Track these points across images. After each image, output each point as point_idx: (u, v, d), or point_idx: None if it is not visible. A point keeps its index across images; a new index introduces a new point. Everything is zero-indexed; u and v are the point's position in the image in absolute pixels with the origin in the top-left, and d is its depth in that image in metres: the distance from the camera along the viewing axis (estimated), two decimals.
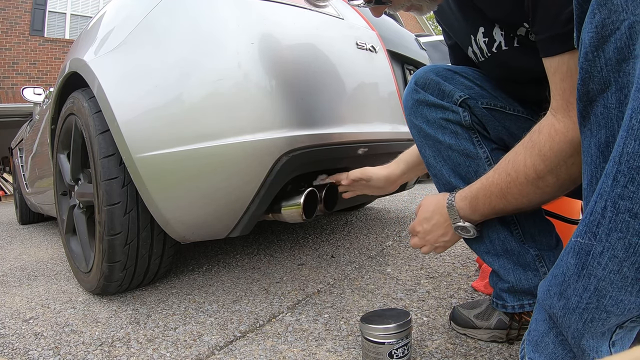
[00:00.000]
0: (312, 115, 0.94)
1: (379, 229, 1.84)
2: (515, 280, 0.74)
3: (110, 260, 1.06)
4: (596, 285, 0.42)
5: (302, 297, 1.09)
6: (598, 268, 0.42)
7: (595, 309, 0.43)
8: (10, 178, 8.00)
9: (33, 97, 2.63)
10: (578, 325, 0.45)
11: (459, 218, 0.70)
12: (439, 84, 0.76)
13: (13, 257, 1.98)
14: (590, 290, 0.43)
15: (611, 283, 0.41)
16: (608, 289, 0.42)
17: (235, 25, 0.91)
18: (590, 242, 0.42)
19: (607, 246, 0.41)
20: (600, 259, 0.41)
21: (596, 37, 0.38)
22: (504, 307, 0.77)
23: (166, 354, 0.84)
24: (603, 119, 0.41)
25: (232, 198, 0.94)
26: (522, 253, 0.74)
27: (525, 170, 0.57)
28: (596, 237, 0.41)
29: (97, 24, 1.29)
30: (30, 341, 0.94)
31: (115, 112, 0.99)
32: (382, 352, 0.69)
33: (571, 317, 0.46)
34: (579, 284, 0.44)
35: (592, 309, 0.44)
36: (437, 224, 0.74)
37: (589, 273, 0.43)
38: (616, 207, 0.39)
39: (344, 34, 1.13)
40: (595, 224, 0.41)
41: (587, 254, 0.43)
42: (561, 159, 0.53)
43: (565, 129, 0.52)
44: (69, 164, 1.38)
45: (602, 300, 0.43)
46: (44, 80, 8.22)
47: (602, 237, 0.41)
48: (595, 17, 0.38)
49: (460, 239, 0.75)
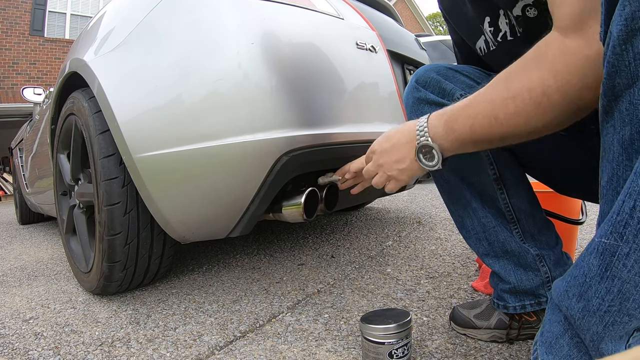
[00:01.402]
0: (312, 115, 0.94)
1: (379, 229, 1.84)
2: (517, 281, 0.74)
3: (110, 260, 1.06)
4: (620, 288, 0.41)
5: (302, 297, 1.09)
6: (623, 270, 0.40)
7: (618, 312, 0.42)
8: (10, 178, 8.00)
9: (33, 97, 2.63)
10: (598, 329, 0.44)
11: (427, 135, 0.58)
12: (440, 82, 0.75)
13: (13, 257, 1.98)
14: (613, 292, 0.42)
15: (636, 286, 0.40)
16: (632, 292, 0.40)
17: (235, 25, 0.91)
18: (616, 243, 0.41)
19: (634, 247, 0.39)
20: (626, 261, 0.40)
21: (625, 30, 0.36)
22: (505, 307, 0.77)
23: (166, 354, 0.84)
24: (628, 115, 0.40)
25: (232, 198, 0.94)
26: (522, 254, 0.74)
27: (530, 84, 0.50)
28: (623, 237, 0.40)
29: (97, 24, 1.29)
30: (30, 341, 0.94)
31: (115, 112, 0.99)
32: (382, 352, 0.69)
33: (591, 320, 0.44)
34: (601, 286, 0.43)
35: (614, 312, 0.42)
36: (398, 144, 0.63)
37: (612, 275, 0.41)
38: None
39: (344, 34, 1.13)
40: (622, 225, 0.40)
41: (612, 255, 0.41)
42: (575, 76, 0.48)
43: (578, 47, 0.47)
44: (69, 164, 1.38)
45: (626, 303, 0.41)
46: (44, 80, 8.22)
47: (630, 238, 0.39)
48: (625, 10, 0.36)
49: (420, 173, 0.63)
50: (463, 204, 0.77)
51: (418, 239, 1.63)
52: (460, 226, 0.80)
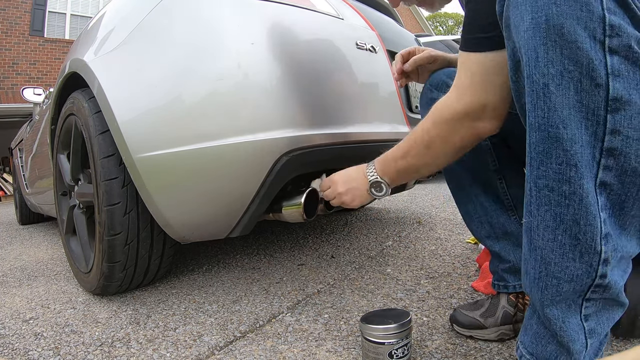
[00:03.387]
0: (312, 115, 0.94)
1: (379, 229, 1.84)
2: (516, 259, 0.80)
3: (110, 261, 1.06)
4: (541, 255, 0.49)
5: (302, 297, 1.09)
6: (539, 240, 0.49)
7: (546, 277, 0.50)
8: (10, 178, 7.99)
9: (33, 98, 2.63)
10: (538, 295, 0.51)
11: (376, 175, 0.78)
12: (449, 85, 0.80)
13: (13, 257, 1.98)
14: (538, 260, 0.50)
15: (552, 251, 0.48)
16: (551, 257, 0.49)
17: (235, 25, 0.91)
18: (529, 219, 0.50)
19: (539, 219, 0.49)
20: (537, 231, 0.49)
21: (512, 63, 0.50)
22: (505, 287, 0.81)
23: (166, 354, 0.84)
24: None
25: (232, 198, 0.94)
26: (520, 234, 0.77)
27: (422, 134, 0.68)
28: (531, 213, 0.50)
29: (97, 25, 1.29)
30: (30, 341, 0.94)
31: (115, 112, 0.99)
32: (382, 352, 0.69)
33: (534, 289, 0.52)
34: (531, 258, 0.51)
35: (543, 277, 0.50)
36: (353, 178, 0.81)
37: (535, 246, 0.50)
38: (537, 185, 0.48)
39: (344, 34, 1.13)
40: (528, 203, 0.50)
41: (530, 230, 0.50)
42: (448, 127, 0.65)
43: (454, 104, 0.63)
44: (69, 164, 1.38)
45: (549, 267, 0.49)
46: (44, 80, 8.21)
47: (534, 212, 0.49)
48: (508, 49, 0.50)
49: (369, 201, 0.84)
50: (467, 191, 0.85)
51: (418, 239, 1.63)
52: (464, 212, 0.87)
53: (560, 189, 0.46)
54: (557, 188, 0.46)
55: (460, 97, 0.63)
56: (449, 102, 0.64)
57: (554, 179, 0.46)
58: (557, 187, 0.46)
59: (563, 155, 0.45)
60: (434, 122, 0.66)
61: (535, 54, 0.45)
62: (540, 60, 0.45)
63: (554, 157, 0.46)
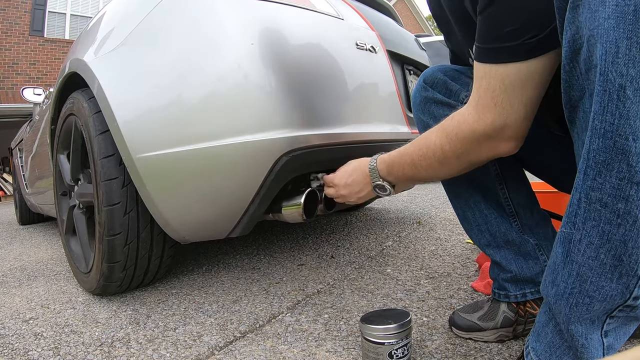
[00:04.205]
0: (312, 115, 0.94)
1: (379, 229, 1.84)
2: (518, 269, 0.77)
3: (110, 261, 1.06)
4: (578, 271, 0.47)
5: (302, 298, 1.09)
6: (578, 254, 0.46)
7: (579, 294, 0.47)
8: (10, 178, 7.99)
9: (33, 98, 2.63)
10: (566, 310, 0.49)
11: (379, 177, 0.77)
12: (446, 82, 0.79)
13: (13, 258, 1.98)
14: (573, 275, 0.47)
15: (590, 269, 0.45)
16: (588, 274, 0.46)
17: (235, 25, 0.91)
18: (571, 231, 0.47)
19: (584, 234, 0.45)
20: (579, 246, 0.46)
21: (570, 50, 0.44)
22: (507, 297, 0.79)
23: (166, 355, 0.84)
24: (584, 122, 0.45)
25: (232, 198, 0.94)
26: (522, 243, 0.77)
27: (435, 148, 0.65)
28: (575, 225, 0.46)
29: (97, 25, 1.29)
30: (30, 341, 0.94)
31: (115, 112, 0.99)
32: (382, 353, 0.69)
33: (561, 303, 0.49)
34: (565, 271, 0.48)
35: (576, 294, 0.47)
36: (357, 181, 0.81)
37: (571, 260, 0.47)
38: (588, 198, 0.44)
39: (344, 34, 1.13)
40: (573, 215, 0.46)
41: (569, 242, 0.47)
42: (463, 144, 0.61)
43: (471, 121, 0.59)
44: (69, 164, 1.38)
45: (584, 285, 0.46)
46: (44, 80, 8.22)
47: (580, 225, 0.45)
48: (567, 33, 0.44)
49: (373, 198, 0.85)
50: (465, 198, 0.81)
51: (418, 239, 1.63)
52: (463, 219, 0.84)
53: (614, 206, 0.42)
54: (612, 204, 0.42)
55: (480, 116, 0.57)
56: (468, 120, 0.59)
57: (610, 194, 0.42)
58: (612, 204, 0.42)
59: (626, 170, 0.41)
60: (449, 138, 0.62)
61: (615, 48, 0.39)
62: (621, 56, 0.39)
63: (616, 170, 0.41)
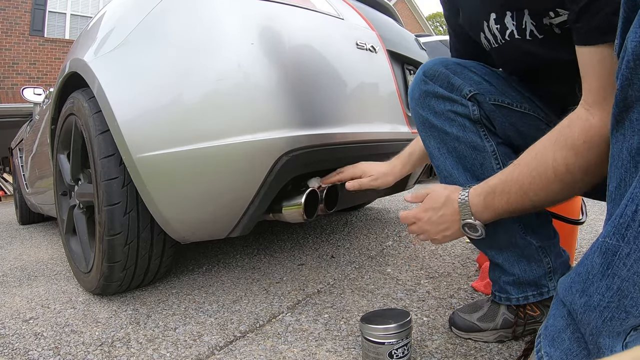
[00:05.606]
0: (312, 115, 0.94)
1: (379, 229, 1.84)
2: (521, 272, 0.75)
3: (110, 261, 1.06)
4: (619, 286, 0.44)
5: (302, 297, 1.09)
6: (623, 269, 0.43)
7: (616, 309, 0.44)
8: (10, 178, 7.99)
9: (33, 97, 2.63)
10: (597, 323, 0.46)
11: (471, 215, 0.68)
12: (449, 76, 0.76)
13: (13, 257, 1.98)
14: (613, 289, 0.44)
15: (634, 284, 0.43)
16: (630, 290, 0.43)
17: (235, 25, 0.91)
18: (618, 244, 0.43)
19: (634, 249, 0.42)
20: (626, 260, 0.43)
21: None
22: (508, 299, 0.77)
23: (166, 354, 0.84)
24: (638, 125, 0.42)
25: (232, 198, 0.94)
26: (525, 245, 0.75)
27: (555, 164, 0.56)
28: (624, 239, 0.43)
29: (97, 24, 1.29)
30: (30, 341, 0.94)
31: (115, 112, 0.99)
32: (382, 352, 0.69)
33: (591, 315, 0.47)
34: (602, 283, 0.45)
35: (612, 308, 0.45)
36: (444, 217, 0.71)
37: (613, 273, 0.44)
38: None
39: (344, 34, 1.13)
40: (624, 227, 0.43)
41: (614, 255, 0.44)
42: (594, 154, 0.53)
43: (600, 124, 0.51)
44: (69, 164, 1.38)
45: (624, 300, 0.44)
46: (44, 80, 8.22)
47: (630, 239, 0.42)
48: None
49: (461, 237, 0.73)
50: None
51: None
52: None
53: None
54: None
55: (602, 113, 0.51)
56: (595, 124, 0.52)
57: None
58: None
59: None
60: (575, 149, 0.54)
61: None
62: None
63: None
